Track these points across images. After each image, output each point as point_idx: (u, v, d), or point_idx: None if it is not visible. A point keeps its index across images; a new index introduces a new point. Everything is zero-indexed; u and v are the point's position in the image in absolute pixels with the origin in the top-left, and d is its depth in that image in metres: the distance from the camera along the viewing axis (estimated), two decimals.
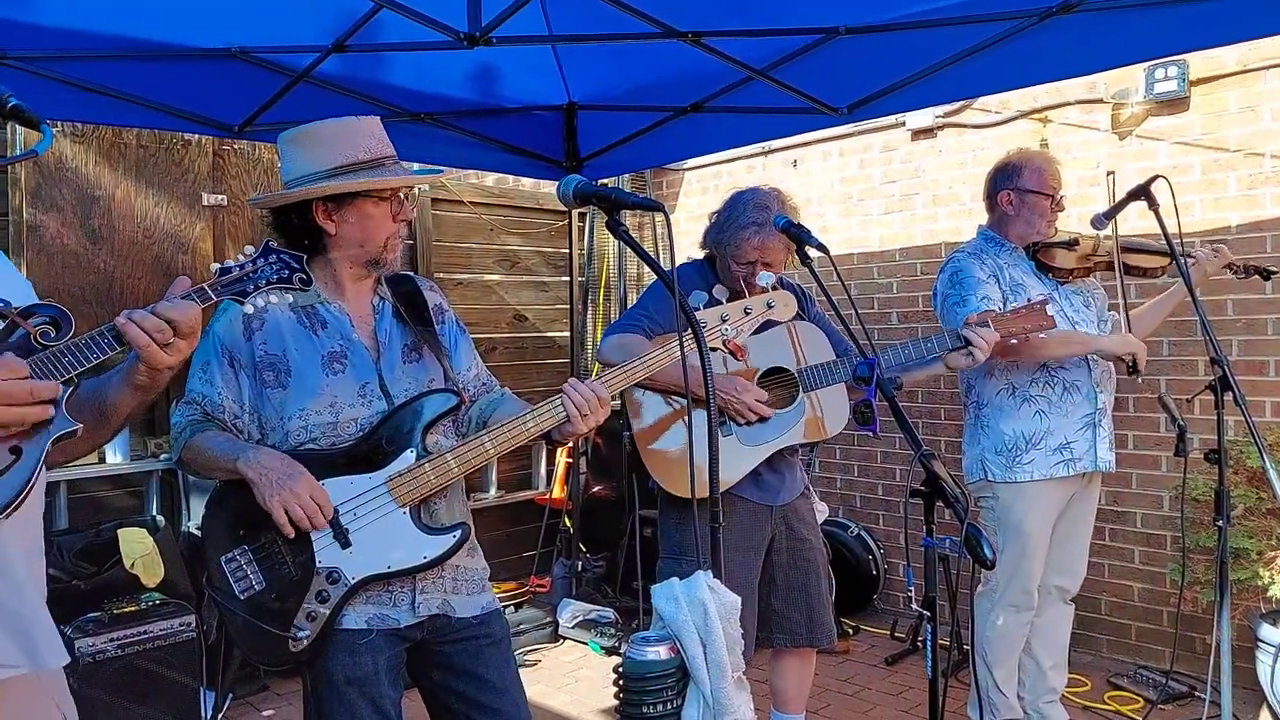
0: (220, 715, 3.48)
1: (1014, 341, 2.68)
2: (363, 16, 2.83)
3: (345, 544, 1.77)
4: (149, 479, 3.89)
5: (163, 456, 3.89)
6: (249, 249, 1.55)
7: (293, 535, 1.73)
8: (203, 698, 3.24)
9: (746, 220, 2.57)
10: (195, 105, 3.38)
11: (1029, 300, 2.67)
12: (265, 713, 3.70)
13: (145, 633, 3.12)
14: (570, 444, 4.96)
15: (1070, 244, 2.98)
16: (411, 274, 2.12)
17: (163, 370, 1.42)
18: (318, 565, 1.77)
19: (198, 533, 3.82)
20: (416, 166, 3.84)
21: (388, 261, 1.91)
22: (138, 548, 3.33)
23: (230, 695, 3.61)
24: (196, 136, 4.00)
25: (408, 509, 1.81)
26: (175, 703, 3.16)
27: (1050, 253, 2.99)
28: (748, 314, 2.03)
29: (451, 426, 1.98)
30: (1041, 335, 2.62)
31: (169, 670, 3.15)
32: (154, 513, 3.79)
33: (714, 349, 1.97)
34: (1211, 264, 2.97)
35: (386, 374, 1.90)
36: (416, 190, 2.05)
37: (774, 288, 2.12)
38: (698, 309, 1.95)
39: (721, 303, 2.02)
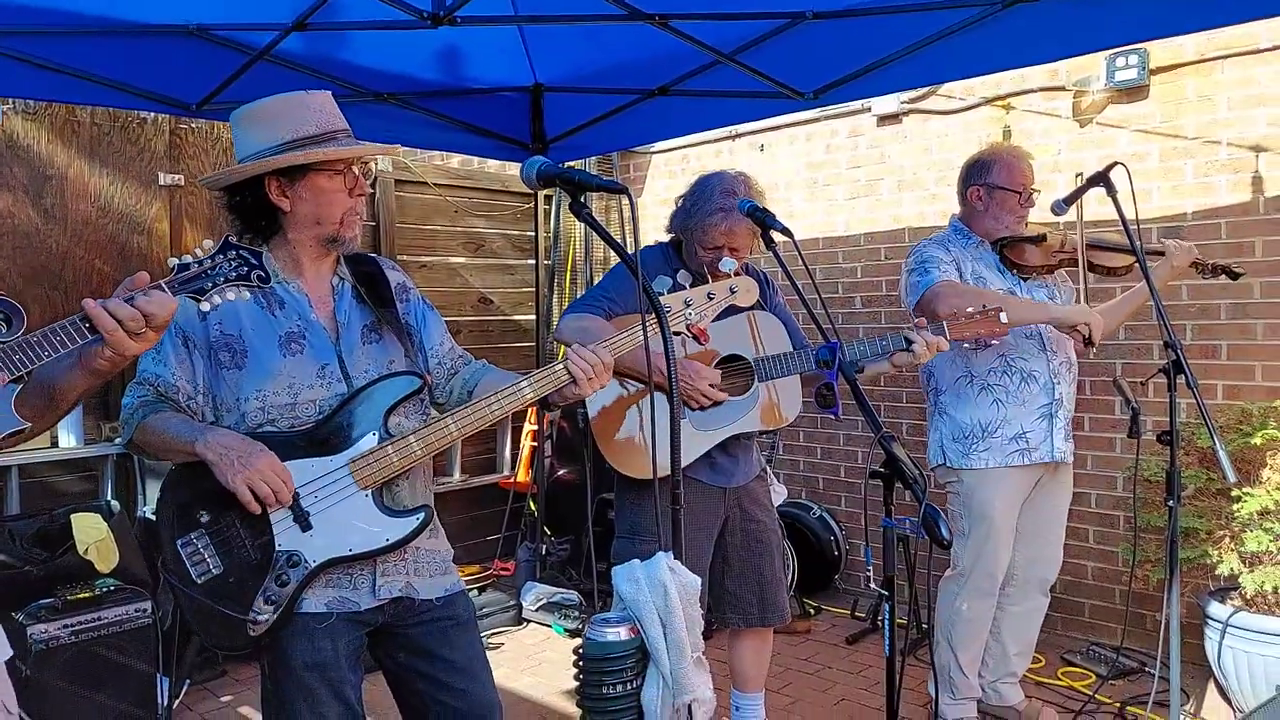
0: (177, 701, 3.44)
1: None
2: None
3: (306, 527, 1.75)
4: (103, 463, 3.82)
5: (117, 440, 3.82)
6: (207, 243, 1.52)
7: (259, 511, 1.70)
8: (159, 684, 3.20)
9: (714, 206, 2.57)
10: (151, 83, 3.31)
11: (984, 307, 2.68)
12: (223, 698, 3.67)
13: (100, 619, 3.07)
14: (536, 428, 4.97)
15: (1037, 240, 3.00)
16: (373, 254, 2.09)
17: (124, 359, 1.41)
18: (278, 548, 1.75)
19: (154, 517, 3.77)
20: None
21: (346, 238, 1.87)
22: (91, 533, 3.27)
23: (187, 681, 3.57)
24: (153, 115, 3.92)
25: (370, 491, 1.79)
26: (131, 690, 3.12)
27: (1017, 248, 3.02)
28: (711, 299, 2.03)
29: (416, 408, 1.95)
30: (1004, 318, 2.62)
31: (124, 657, 3.11)
32: (109, 497, 3.73)
33: (677, 333, 1.97)
34: (1178, 259, 3.00)
35: (346, 355, 1.87)
36: (374, 166, 2.00)
37: (737, 273, 2.13)
38: (661, 293, 1.95)
39: (685, 287, 2.03)
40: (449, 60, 3.66)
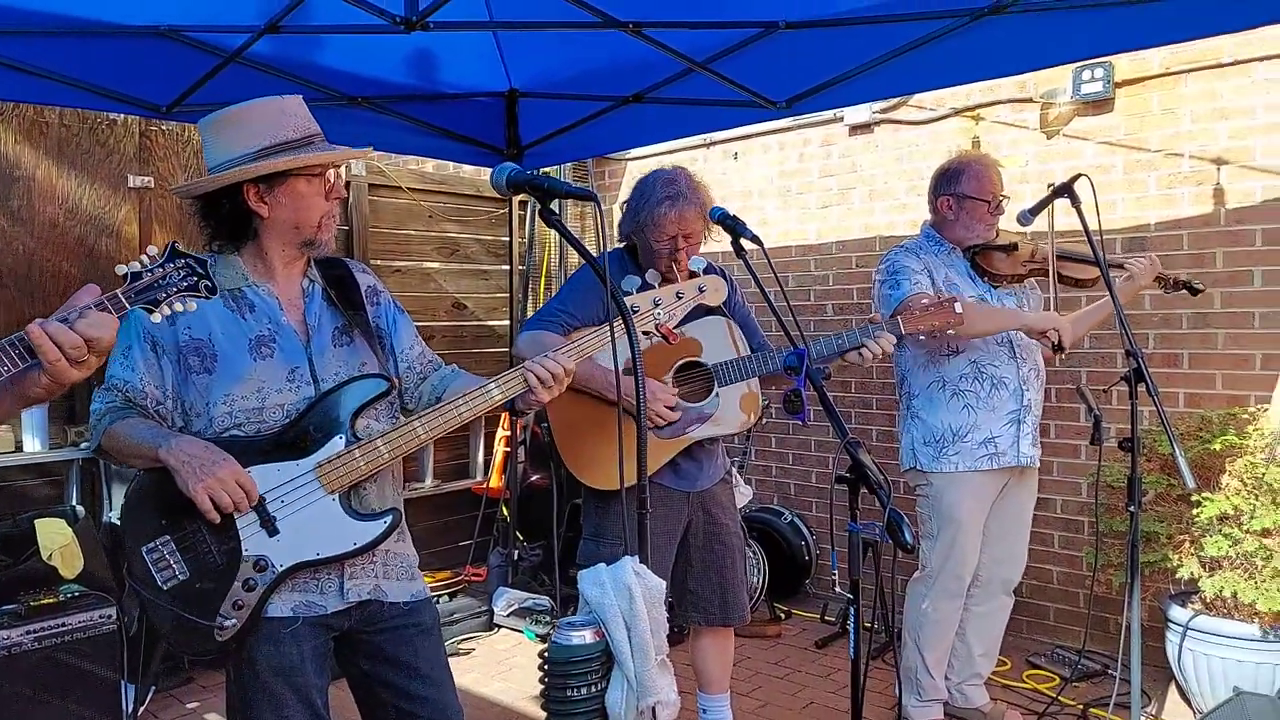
0: (143, 708, 3.40)
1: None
2: None
3: (272, 531, 1.75)
4: (69, 468, 3.78)
5: (83, 445, 3.78)
6: (152, 249, 1.49)
7: (219, 521, 1.70)
8: (124, 691, 3.16)
9: (660, 196, 2.60)
10: (121, 84, 3.28)
11: (939, 298, 2.72)
12: (190, 705, 3.63)
13: (64, 625, 3.03)
14: (509, 433, 4.96)
15: (1008, 249, 3.05)
16: (343, 258, 2.09)
17: (64, 386, 1.35)
18: (244, 553, 1.74)
19: (119, 523, 3.73)
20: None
21: (322, 241, 1.87)
22: (56, 538, 3.23)
23: (153, 688, 3.53)
24: (123, 116, 3.88)
25: (337, 495, 1.79)
26: (96, 696, 3.08)
27: (988, 256, 3.07)
28: (680, 298, 2.03)
29: (386, 411, 1.95)
30: (958, 309, 2.66)
31: (89, 663, 3.07)
32: (74, 502, 3.69)
33: (646, 333, 1.97)
34: (1144, 276, 3.07)
35: (316, 358, 1.87)
36: (345, 169, 1.99)
37: (705, 272, 2.13)
38: (630, 293, 1.96)
39: (654, 287, 2.03)
40: (423, 64, 3.66)
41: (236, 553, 1.74)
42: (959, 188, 3.07)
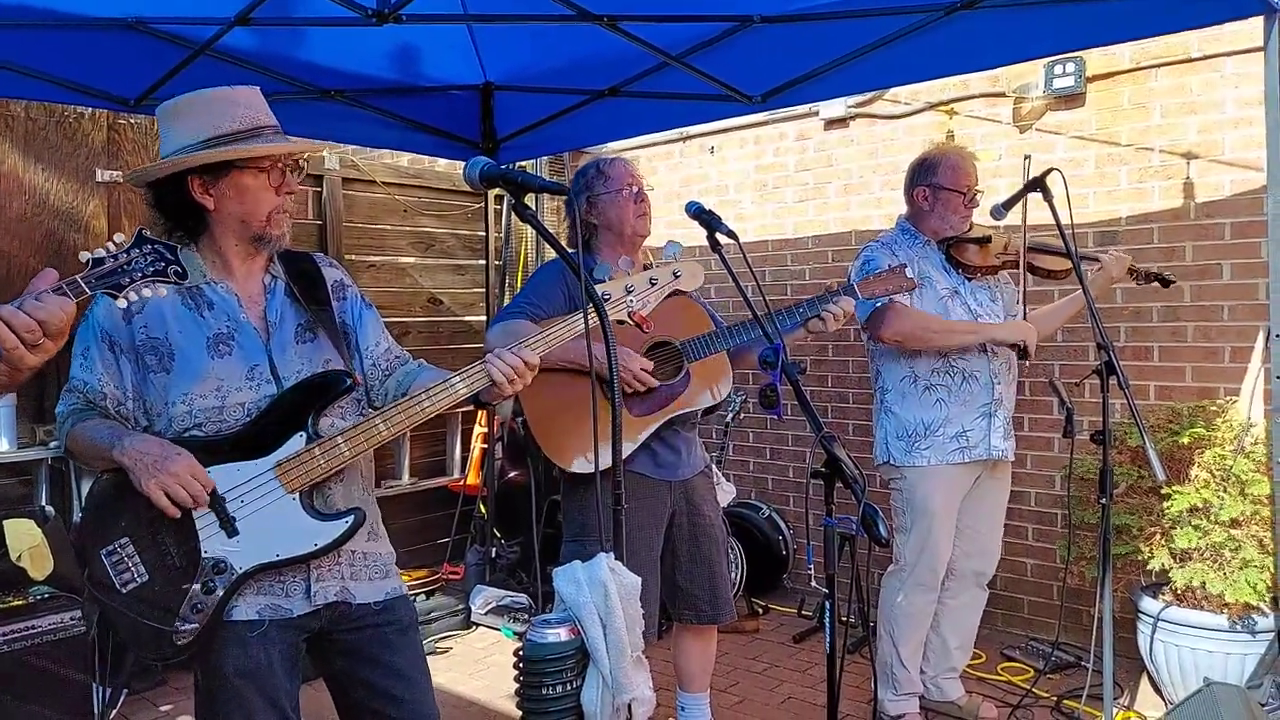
0: (114, 711, 3.36)
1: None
2: None
3: (232, 532, 1.71)
4: (38, 467, 3.72)
5: (51, 444, 3.72)
6: (119, 237, 1.46)
7: (178, 515, 1.67)
8: (95, 693, 3.12)
9: (606, 162, 2.76)
10: (89, 77, 3.23)
11: (889, 266, 2.77)
12: (163, 708, 3.59)
13: (33, 627, 2.99)
14: (486, 430, 4.94)
15: (983, 241, 3.09)
16: (309, 252, 2.05)
17: (25, 371, 1.33)
18: (203, 555, 1.71)
19: (79, 526, 3.68)
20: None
21: (273, 237, 1.83)
22: (25, 539, 3.18)
23: (124, 690, 3.49)
24: (91, 110, 3.82)
25: (298, 495, 1.75)
26: (66, 699, 3.04)
27: (962, 248, 3.10)
28: (654, 285, 2.00)
29: (352, 408, 1.91)
30: (909, 273, 2.73)
31: (59, 666, 3.03)
32: (43, 502, 3.63)
33: (620, 321, 1.95)
34: (1116, 269, 3.10)
35: (277, 355, 1.83)
36: (312, 162, 1.95)
37: (679, 257, 2.11)
38: (601, 281, 1.94)
39: (628, 274, 2.00)
40: (397, 57, 3.63)
41: (195, 554, 1.71)
42: (935, 179, 3.10)
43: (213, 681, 1.76)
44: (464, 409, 3.46)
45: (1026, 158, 2.97)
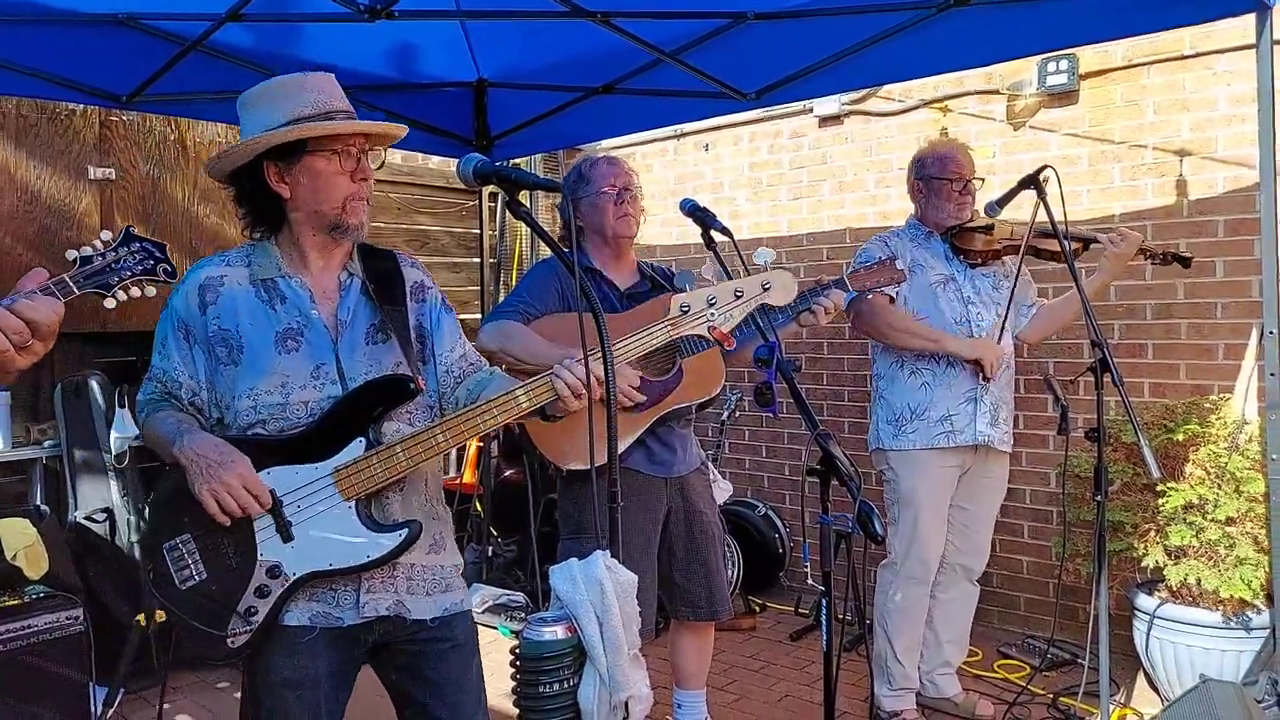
0: (111, 711, 3.35)
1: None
2: None
3: (287, 537, 1.68)
4: (33, 466, 3.71)
5: (47, 443, 3.71)
6: (106, 234, 1.45)
7: (227, 524, 1.64)
8: (92, 693, 3.11)
9: (591, 162, 2.75)
10: (80, 74, 3.21)
11: (880, 259, 2.81)
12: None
13: (29, 627, 2.97)
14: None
15: (986, 229, 3.14)
16: (394, 250, 1.98)
17: (13, 374, 1.32)
18: (259, 558, 1.67)
19: (85, 522, 3.67)
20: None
21: (350, 226, 1.77)
22: (20, 538, 3.16)
23: (122, 690, 3.48)
24: (82, 106, 3.80)
25: (354, 503, 1.70)
26: (63, 700, 3.02)
27: (963, 237, 3.16)
28: (739, 298, 1.88)
29: (422, 415, 1.84)
30: (899, 265, 2.76)
31: (55, 666, 3.01)
32: (38, 501, 3.62)
33: (699, 336, 1.86)
34: (1123, 247, 3.04)
35: (344, 356, 1.78)
36: (383, 153, 1.91)
37: (770, 267, 1.98)
38: (683, 290, 1.85)
39: (713, 282, 1.89)
40: (391, 54, 3.62)
41: (252, 556, 1.68)
42: (925, 170, 3.19)
43: (258, 688, 1.74)
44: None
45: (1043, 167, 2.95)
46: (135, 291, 1.47)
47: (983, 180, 3.21)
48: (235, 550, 1.69)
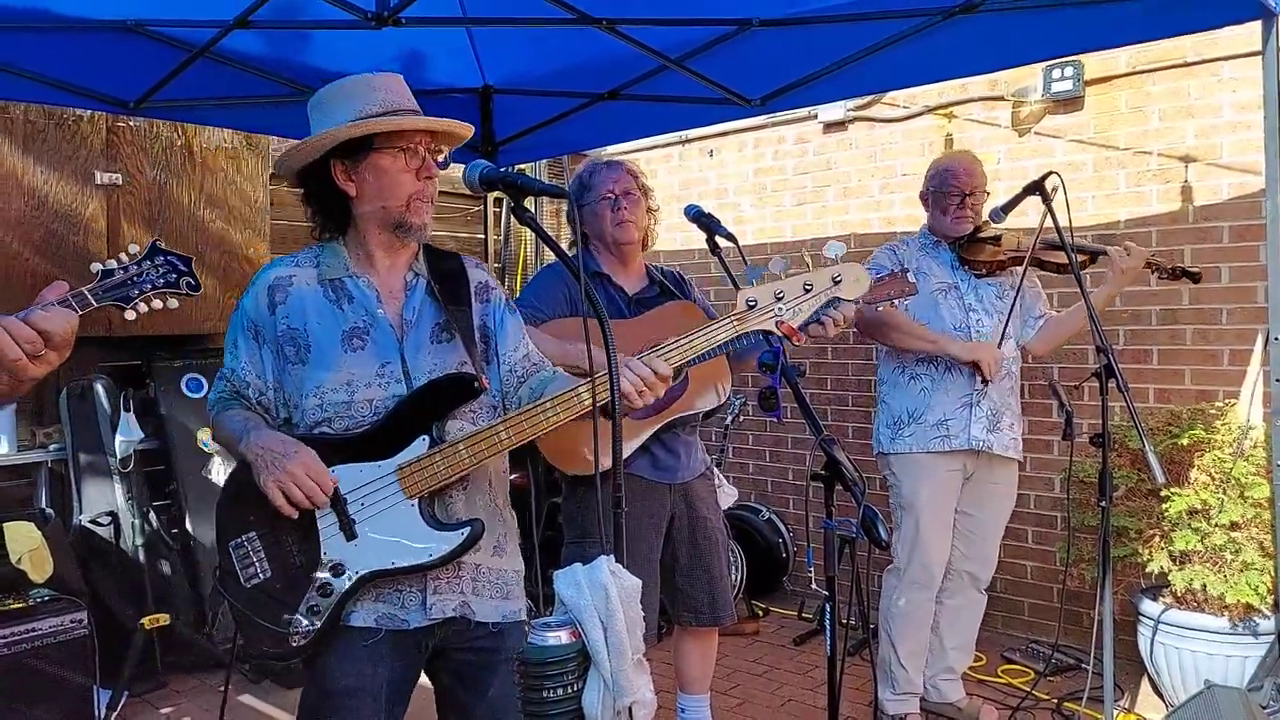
0: (115, 714, 3.36)
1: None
2: None
3: (351, 535, 1.68)
4: (38, 469, 3.72)
5: (52, 446, 3.72)
6: (133, 248, 1.47)
7: (295, 516, 1.65)
8: (96, 696, 3.12)
9: (592, 169, 2.77)
10: (87, 80, 3.23)
11: (891, 270, 2.81)
12: (164, 710, 3.58)
13: (34, 630, 2.99)
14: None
15: (994, 240, 3.16)
16: (458, 253, 2.00)
17: (27, 382, 1.33)
18: (323, 556, 1.68)
19: (90, 525, 3.68)
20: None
21: (414, 226, 1.77)
22: (25, 542, 3.18)
23: (126, 693, 3.49)
24: (90, 112, 3.82)
25: (417, 501, 1.69)
26: (67, 703, 3.04)
27: (970, 247, 3.18)
28: (808, 291, 1.83)
29: (486, 414, 1.83)
30: (910, 278, 2.75)
31: (60, 669, 3.03)
32: (43, 504, 3.63)
33: (767, 331, 1.84)
34: (1130, 261, 3.02)
35: (409, 355, 1.78)
36: (448, 154, 1.91)
37: (840, 260, 1.89)
38: (750, 285, 1.81)
39: (780, 277, 1.84)
40: (397, 60, 3.62)
41: (316, 554, 1.68)
42: (929, 184, 3.24)
43: (317, 691, 1.73)
44: None
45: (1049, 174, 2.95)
46: (157, 304, 1.48)
47: (987, 193, 3.22)
48: (299, 548, 1.69)
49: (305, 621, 1.67)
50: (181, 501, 3.93)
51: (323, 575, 1.68)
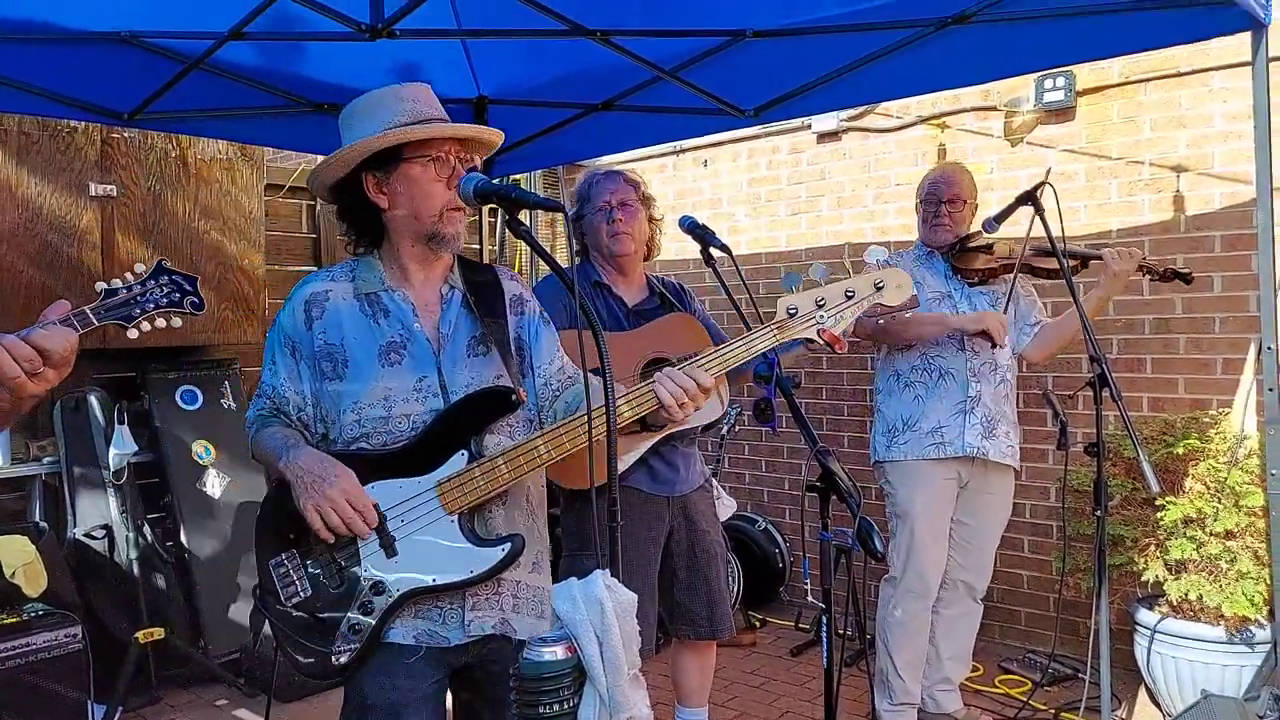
0: None
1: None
2: (262, 3, 2.74)
3: (391, 553, 1.66)
4: (32, 483, 3.71)
5: (46, 459, 3.70)
6: (139, 267, 1.46)
7: (331, 540, 1.64)
8: (91, 711, 3.10)
9: (592, 179, 2.79)
10: (82, 91, 3.22)
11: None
12: None
13: (28, 645, 2.98)
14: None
15: (985, 248, 3.19)
16: (493, 265, 1.99)
17: (27, 400, 1.33)
18: (363, 574, 1.67)
19: (85, 539, 3.67)
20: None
21: (446, 236, 1.76)
22: (18, 556, 3.17)
23: (120, 708, 3.47)
24: (84, 123, 3.82)
25: (456, 517, 1.68)
26: (61, 717, 3.02)
27: (962, 256, 3.20)
28: (850, 298, 1.81)
29: (522, 427, 1.82)
30: (911, 291, 2.75)
31: (54, 683, 3.01)
32: (37, 518, 3.62)
33: (809, 340, 1.83)
34: (1122, 264, 3.05)
35: (446, 368, 1.77)
36: (478, 162, 1.90)
37: (881, 265, 1.90)
38: (789, 291, 1.80)
39: (820, 283, 1.84)
40: (392, 72, 3.63)
41: (356, 573, 1.67)
42: (918, 196, 3.32)
43: (354, 709, 1.72)
44: None
45: (1046, 173, 2.97)
46: (160, 323, 1.47)
47: (977, 205, 3.26)
48: (339, 566, 1.68)
49: (348, 642, 1.66)
50: (176, 514, 3.92)
51: (364, 593, 1.67)
